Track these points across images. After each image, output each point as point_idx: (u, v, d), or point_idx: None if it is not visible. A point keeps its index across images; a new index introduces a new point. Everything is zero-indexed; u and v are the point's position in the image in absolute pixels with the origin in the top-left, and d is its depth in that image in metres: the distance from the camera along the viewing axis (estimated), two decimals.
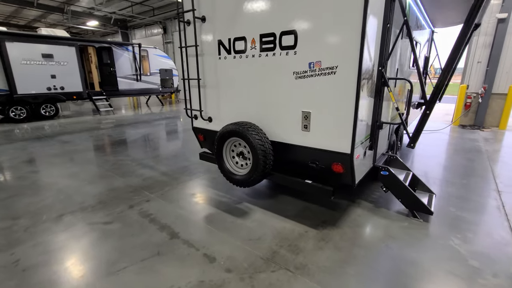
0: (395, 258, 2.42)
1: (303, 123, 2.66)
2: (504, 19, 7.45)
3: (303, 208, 3.31)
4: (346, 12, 2.16)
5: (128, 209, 3.31)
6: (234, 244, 2.63)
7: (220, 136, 3.04)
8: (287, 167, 3.03)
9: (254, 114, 3.03)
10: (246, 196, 3.62)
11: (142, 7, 16.83)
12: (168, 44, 18.38)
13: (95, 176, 4.42)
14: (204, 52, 3.31)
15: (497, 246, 2.57)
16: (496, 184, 4.02)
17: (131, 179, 4.26)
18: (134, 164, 5.01)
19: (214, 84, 3.35)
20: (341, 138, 2.44)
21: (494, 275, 2.20)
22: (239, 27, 2.90)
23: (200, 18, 3.19)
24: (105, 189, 3.91)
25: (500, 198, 3.55)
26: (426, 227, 2.89)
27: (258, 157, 2.73)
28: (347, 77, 2.28)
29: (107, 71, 11.87)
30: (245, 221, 3.03)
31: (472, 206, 3.34)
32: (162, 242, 2.66)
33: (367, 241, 2.66)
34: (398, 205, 3.35)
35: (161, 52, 13.87)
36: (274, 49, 2.68)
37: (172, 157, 5.39)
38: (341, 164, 2.53)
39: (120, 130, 8.18)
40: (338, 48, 2.27)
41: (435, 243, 2.63)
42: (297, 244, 2.61)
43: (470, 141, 6.53)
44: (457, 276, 2.20)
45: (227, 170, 3.13)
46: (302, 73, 2.54)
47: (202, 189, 3.88)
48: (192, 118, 3.78)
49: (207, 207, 3.37)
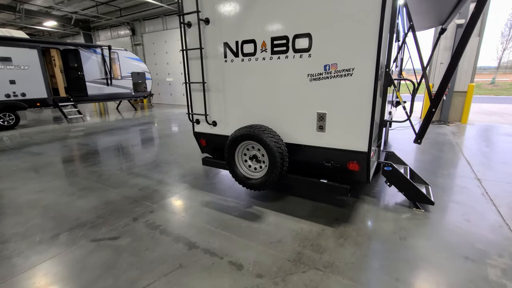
0: (411, 248, 2.57)
1: (318, 124, 2.72)
2: (462, 24, 8.30)
3: (313, 207, 3.37)
4: (365, 16, 2.26)
5: (133, 222, 3.10)
6: (257, 248, 2.60)
7: (232, 140, 2.99)
8: (300, 168, 3.07)
9: (265, 117, 3.03)
10: (254, 200, 3.59)
11: (108, 7, 15.89)
12: (138, 46, 17.57)
13: (84, 189, 4.07)
14: (208, 55, 3.24)
15: (493, 229, 2.85)
16: (475, 173, 4.45)
17: (126, 190, 4.00)
18: (124, 173, 4.71)
19: (219, 88, 3.29)
20: (358, 137, 2.54)
21: (500, 255, 2.44)
22: (247, 30, 2.88)
23: (203, 20, 3.11)
24: (100, 202, 3.62)
25: (482, 186, 3.94)
26: (429, 217, 3.11)
27: (275, 159, 2.73)
28: (365, 79, 2.38)
29: (74, 75, 11.01)
30: (260, 225, 3.00)
31: (461, 194, 3.66)
32: (181, 254, 2.54)
33: (381, 235, 2.79)
34: (398, 197, 3.56)
35: (132, 55, 13.22)
36: (287, 52, 2.71)
37: (164, 165, 5.16)
38: (357, 162, 2.63)
39: (96, 138, 7.63)
40: (355, 50, 2.36)
41: (442, 231, 2.84)
42: (319, 243, 2.66)
43: (441, 135, 7.15)
44: (469, 259, 2.40)
45: (241, 175, 3.08)
46: (317, 75, 2.60)
47: (207, 196, 3.77)
48: (194, 123, 3.66)
49: (217, 213, 3.28)
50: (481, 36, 8.61)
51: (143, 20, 16.73)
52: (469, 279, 2.18)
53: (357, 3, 2.26)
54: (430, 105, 2.64)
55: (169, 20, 15.57)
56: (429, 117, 2.66)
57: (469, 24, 2.25)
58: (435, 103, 2.59)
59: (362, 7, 2.24)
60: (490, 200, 3.50)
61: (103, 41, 19.19)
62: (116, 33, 18.54)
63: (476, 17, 2.19)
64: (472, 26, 2.22)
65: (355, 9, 2.27)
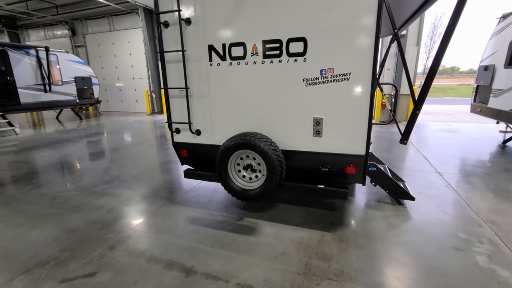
0: (407, 244, 2.68)
1: (315, 129, 2.68)
2: (404, 34, 9.33)
3: (305, 213, 3.32)
4: (362, 21, 2.29)
5: (110, 251, 2.65)
6: (262, 265, 2.42)
7: (225, 150, 2.77)
8: (294, 175, 2.98)
9: (257, 124, 2.88)
10: (243, 211, 3.40)
11: (40, 3, 13.92)
12: (79, 48, 15.78)
13: (35, 217, 3.37)
14: (189, 58, 2.97)
15: (466, 217, 3.16)
16: (434, 167, 4.95)
17: (92, 213, 3.43)
18: (84, 194, 4.06)
19: (203, 93, 3.04)
20: (356, 141, 2.57)
21: (480, 242, 2.69)
22: (236, 33, 2.72)
23: (184, 20, 2.84)
24: (61, 231, 3.02)
25: (444, 178, 4.39)
26: (412, 212, 3.31)
27: (274, 167, 2.60)
28: (362, 83, 2.41)
29: (2, 80, 9.32)
30: (258, 238, 2.83)
31: (430, 188, 4.01)
32: (178, 282, 2.23)
33: (377, 234, 2.86)
34: (377, 195, 3.74)
35: (75, 58, 11.78)
36: (280, 56, 2.62)
37: (131, 180, 4.60)
38: (354, 166, 2.65)
39: (37, 154, 6.52)
40: (353, 55, 2.38)
41: (427, 224, 3.04)
42: (322, 251, 2.60)
43: (395, 134, 7.86)
44: (458, 249, 2.59)
45: (237, 187, 2.87)
46: (313, 80, 2.56)
47: (190, 211, 3.44)
48: (173, 133, 3.32)
49: (208, 230, 3.00)
50: (418, 46, 9.80)
51: (85, 19, 15.11)
52: (465, 267, 2.34)
53: (354, 8, 2.28)
54: (413, 107, 2.81)
55: (117, 20, 14.34)
56: (413, 119, 2.83)
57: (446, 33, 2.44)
58: (418, 106, 2.77)
59: (360, 12, 2.27)
60: (454, 191, 3.90)
61: (34, 41, 16.77)
62: (51, 33, 16.38)
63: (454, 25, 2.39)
64: (449, 33, 2.42)
65: (353, 14, 2.29)
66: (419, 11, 3.86)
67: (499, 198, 3.65)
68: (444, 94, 26.78)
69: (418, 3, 3.57)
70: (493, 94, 6.09)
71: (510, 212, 3.27)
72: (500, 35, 6.08)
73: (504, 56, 5.78)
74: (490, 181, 4.22)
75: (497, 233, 2.83)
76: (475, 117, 10.32)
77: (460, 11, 2.33)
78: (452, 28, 2.40)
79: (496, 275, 2.25)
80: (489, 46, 6.53)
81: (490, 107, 6.16)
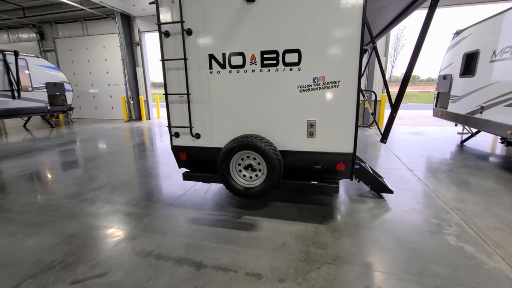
0: (391, 231, 3.05)
1: (309, 131, 2.98)
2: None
3: (298, 209, 3.60)
4: (348, 36, 2.65)
5: (117, 253, 2.70)
6: (266, 255, 2.64)
7: (227, 151, 2.97)
8: (289, 173, 3.25)
9: (256, 127, 3.12)
10: (241, 210, 3.59)
11: (5, 4, 13.10)
12: (48, 53, 15.00)
13: (28, 225, 3.29)
14: (190, 65, 3.16)
15: (436, 206, 3.63)
16: (405, 165, 5.51)
17: (89, 219, 3.42)
18: (75, 201, 4.00)
19: (203, 99, 3.23)
20: (345, 140, 2.90)
21: (449, 225, 3.14)
22: (236, 43, 2.96)
23: (185, 30, 3.03)
24: (60, 237, 3.00)
25: (415, 174, 4.92)
26: (391, 203, 3.73)
27: (274, 166, 2.85)
28: (349, 90, 2.76)
29: None
30: (259, 233, 3.04)
31: (404, 183, 4.50)
32: (191, 276, 2.37)
33: (365, 224, 3.21)
34: (358, 191, 4.13)
35: (47, 63, 11.25)
36: (277, 65, 2.90)
37: (121, 186, 4.59)
38: (343, 163, 2.98)
39: (10, 163, 6.17)
40: (341, 65, 2.73)
41: (404, 213, 3.45)
42: (319, 240, 2.88)
43: (369, 137, 8.51)
44: (432, 232, 3.01)
45: (239, 185, 3.07)
46: (307, 86, 2.87)
47: (190, 212, 3.56)
48: (172, 136, 3.45)
49: (210, 228, 3.15)
50: (386, 56, 10.72)
51: (55, 23, 14.45)
52: (438, 246, 2.74)
53: (342, 26, 2.64)
54: (391, 111, 3.23)
55: (91, 25, 13.92)
56: (391, 121, 3.25)
57: (417, 45, 2.89)
58: (395, 110, 3.19)
59: (347, 28, 2.63)
60: (425, 185, 4.41)
61: None
62: (16, 36, 15.42)
63: (423, 38, 2.85)
64: (420, 45, 2.87)
65: (340, 29, 2.64)
66: (389, 27, 4.40)
67: (461, 189, 4.21)
68: (407, 100, 29.00)
69: (389, 20, 4.09)
70: (451, 100, 6.91)
71: (470, 200, 3.81)
72: (455, 48, 6.95)
73: (459, 67, 6.62)
74: (453, 176, 4.82)
75: (461, 218, 3.31)
76: (436, 120, 11.42)
77: (428, 25, 2.78)
78: (421, 40, 2.85)
79: (464, 250, 2.67)
80: (446, 58, 7.41)
81: (450, 111, 6.97)
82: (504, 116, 4.80)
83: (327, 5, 2.63)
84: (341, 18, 2.63)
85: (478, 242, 2.81)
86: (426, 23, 2.81)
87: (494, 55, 5.23)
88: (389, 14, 3.93)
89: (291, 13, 2.74)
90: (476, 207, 3.61)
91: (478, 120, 5.69)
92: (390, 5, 3.38)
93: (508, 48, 4.83)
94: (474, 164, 5.47)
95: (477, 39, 5.97)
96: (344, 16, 2.61)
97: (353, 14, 2.58)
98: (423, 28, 2.83)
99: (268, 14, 2.79)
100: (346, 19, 2.62)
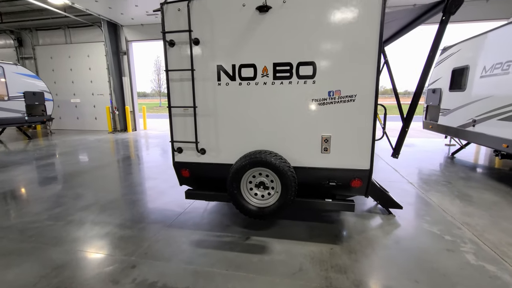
0: (406, 250, 2.92)
1: (323, 146, 2.85)
2: None
3: (308, 228, 3.41)
4: (366, 49, 2.57)
5: (115, 286, 2.38)
6: (284, 283, 2.42)
7: (238, 168, 2.76)
8: (301, 190, 3.08)
9: (267, 142, 2.95)
10: (247, 230, 3.35)
11: None
12: (27, 60, 14.24)
13: (8, 254, 2.88)
14: (196, 77, 2.97)
15: (445, 220, 3.57)
16: (405, 178, 5.51)
17: (77, 245, 3.06)
18: (60, 223, 3.60)
19: (209, 112, 3.03)
20: (361, 156, 2.79)
21: (463, 242, 3.06)
22: (246, 55, 2.82)
23: (192, 40, 2.86)
24: (46, 268, 2.63)
25: (416, 187, 4.91)
26: (401, 220, 3.63)
27: (290, 183, 2.68)
28: (366, 104, 2.68)
29: None
30: (272, 256, 2.82)
31: (409, 197, 4.45)
32: None
33: (379, 243, 3.07)
34: (366, 206, 4.03)
35: (26, 71, 10.62)
36: (291, 78, 2.78)
37: (111, 205, 4.22)
38: (360, 179, 2.86)
39: None
40: (358, 79, 2.64)
41: (415, 230, 3.36)
42: (337, 263, 2.69)
43: None
44: (449, 250, 2.91)
45: (251, 205, 2.86)
46: (322, 100, 2.76)
47: (192, 234, 3.28)
48: (174, 152, 3.21)
49: (217, 252, 2.89)
50: None
51: (35, 30, 13.81)
52: (460, 266, 2.63)
53: (359, 39, 2.57)
54: (402, 125, 3.18)
55: (75, 32, 13.41)
56: (402, 135, 3.19)
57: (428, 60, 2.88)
58: (407, 124, 3.14)
59: (364, 42, 2.56)
60: (429, 199, 4.39)
61: None
62: None
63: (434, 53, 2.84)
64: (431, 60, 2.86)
65: (358, 43, 2.57)
66: (388, 41, 4.44)
67: (465, 202, 4.21)
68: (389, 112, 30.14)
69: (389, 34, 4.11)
70: (442, 113, 7.10)
71: (477, 214, 3.79)
72: (443, 64, 7.22)
73: (448, 81, 6.85)
74: (453, 189, 4.84)
75: (474, 233, 3.26)
76: (422, 132, 11.76)
77: (439, 40, 2.78)
78: (433, 53, 2.84)
79: (486, 270, 2.58)
80: (435, 73, 7.67)
81: (440, 124, 7.15)
82: (498, 129, 4.93)
83: (344, 17, 2.56)
84: (359, 32, 2.56)
85: (497, 260, 2.74)
86: (437, 38, 2.80)
87: (485, 71, 5.43)
88: (391, 29, 3.97)
89: (307, 25, 2.64)
90: (483, 221, 3.58)
91: (471, 133, 5.84)
92: (394, 20, 3.39)
93: (498, 64, 5.03)
94: (469, 176, 5.56)
95: (466, 55, 6.22)
96: (362, 30, 2.55)
97: (371, 27, 2.52)
98: (434, 42, 2.83)
99: (282, 25, 2.68)
100: (363, 32, 2.55)
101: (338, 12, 2.56)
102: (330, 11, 2.57)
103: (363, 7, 2.50)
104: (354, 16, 2.54)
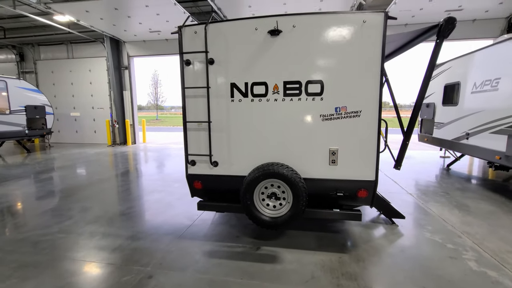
0: (412, 258, 3.06)
1: (331, 159, 3.02)
2: None
3: (316, 237, 3.53)
4: (369, 69, 2.81)
5: None
6: None
7: (251, 180, 2.90)
8: (310, 200, 3.22)
9: (277, 155, 3.12)
10: (257, 240, 3.45)
11: None
12: (27, 74, 14.37)
13: (23, 266, 2.92)
14: (211, 94, 3.16)
15: (446, 229, 3.73)
16: (404, 189, 5.69)
17: (92, 255, 3.11)
18: (72, 235, 3.64)
19: (223, 127, 3.20)
20: (367, 168, 2.97)
21: (465, 250, 3.21)
22: (258, 74, 3.03)
23: (208, 60, 3.07)
24: (64, 280, 2.68)
25: (416, 198, 5.08)
26: (404, 229, 3.78)
27: (301, 193, 2.82)
28: (370, 119, 2.88)
29: None
30: (283, 265, 2.92)
31: (408, 207, 4.61)
32: None
33: (385, 251, 3.20)
34: (369, 216, 4.17)
35: (28, 85, 10.75)
36: (300, 95, 2.98)
37: (122, 218, 4.28)
38: (365, 190, 3.02)
39: None
40: (362, 96, 2.86)
41: (418, 239, 3.50)
42: (347, 271, 2.81)
43: None
44: (453, 258, 3.05)
45: (264, 215, 2.99)
46: (329, 116, 2.96)
47: (204, 245, 3.36)
48: (188, 164, 3.34)
49: (231, 262, 2.98)
50: None
51: (37, 45, 14.04)
52: (463, 273, 2.77)
53: (363, 60, 2.81)
54: (403, 138, 3.39)
55: (77, 48, 13.67)
56: (403, 148, 3.39)
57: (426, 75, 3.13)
58: (407, 137, 3.35)
59: (367, 63, 2.80)
60: (429, 209, 4.55)
61: None
62: None
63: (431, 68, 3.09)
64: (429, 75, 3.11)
65: (362, 64, 2.81)
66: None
67: (463, 212, 4.39)
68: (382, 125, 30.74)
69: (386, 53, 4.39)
70: (436, 126, 7.40)
71: (475, 223, 3.96)
72: (436, 80, 7.59)
73: (441, 96, 7.19)
74: (451, 199, 5.03)
75: (474, 242, 3.41)
76: (418, 144, 12.07)
77: (435, 58, 3.03)
78: (430, 71, 3.08)
79: (488, 276, 2.72)
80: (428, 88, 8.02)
81: (435, 137, 7.43)
82: (490, 142, 5.19)
83: (350, 40, 2.80)
84: (363, 53, 2.80)
85: (498, 267, 2.88)
86: (432, 59, 3.06)
87: (475, 87, 5.76)
88: (388, 50, 4.26)
89: (315, 47, 2.88)
90: (482, 230, 3.75)
91: (465, 146, 6.10)
92: (391, 42, 3.68)
93: (488, 81, 5.36)
94: (465, 187, 5.77)
95: (457, 72, 6.58)
96: (366, 51, 2.79)
97: (374, 49, 2.77)
98: (430, 63, 3.08)
99: (292, 47, 2.92)
100: (367, 53, 2.79)
101: (344, 35, 2.81)
102: (337, 34, 2.82)
103: (367, 30, 2.75)
104: (359, 38, 2.78)
